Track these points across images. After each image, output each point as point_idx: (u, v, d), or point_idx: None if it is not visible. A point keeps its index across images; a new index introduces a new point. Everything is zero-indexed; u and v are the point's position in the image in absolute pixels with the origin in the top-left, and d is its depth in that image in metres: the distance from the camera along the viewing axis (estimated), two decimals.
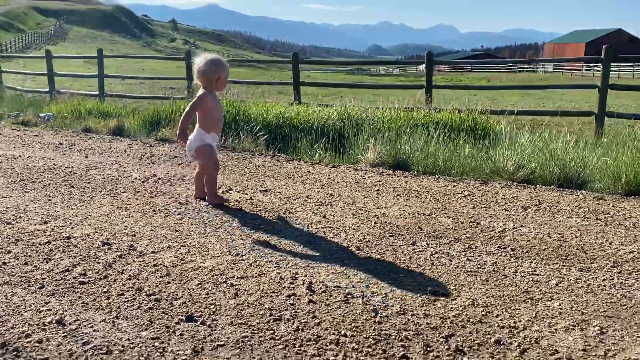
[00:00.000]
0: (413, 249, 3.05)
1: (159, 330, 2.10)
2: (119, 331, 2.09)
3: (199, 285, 2.50)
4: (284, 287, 2.50)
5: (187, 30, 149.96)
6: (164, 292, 2.43)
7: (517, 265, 2.84)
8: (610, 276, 2.73)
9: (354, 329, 2.14)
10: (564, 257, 2.97)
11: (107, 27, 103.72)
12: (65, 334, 2.06)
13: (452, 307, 2.34)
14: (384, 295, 2.44)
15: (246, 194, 4.24)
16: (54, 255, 2.84)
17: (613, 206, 4.09)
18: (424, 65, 10.15)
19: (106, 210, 3.68)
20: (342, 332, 2.11)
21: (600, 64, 8.85)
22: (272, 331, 2.11)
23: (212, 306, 2.30)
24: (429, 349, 2.01)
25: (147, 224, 3.41)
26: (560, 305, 2.39)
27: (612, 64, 8.78)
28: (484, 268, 2.80)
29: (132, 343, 2.00)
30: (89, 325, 2.12)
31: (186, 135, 3.73)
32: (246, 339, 2.05)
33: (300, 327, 2.14)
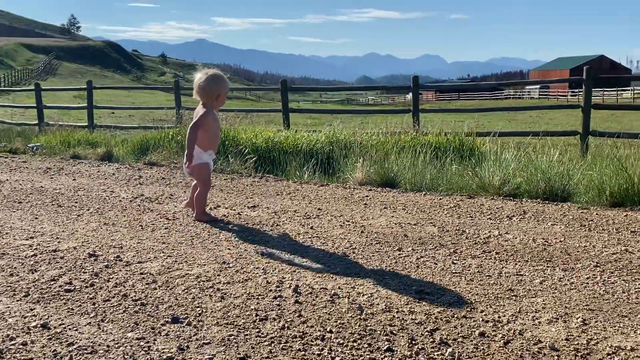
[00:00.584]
0: (399, 254, 3.08)
1: (144, 331, 2.10)
2: (105, 333, 2.08)
3: (185, 291, 2.51)
4: (270, 290, 2.51)
5: (177, 64, 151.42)
6: (150, 297, 2.43)
7: (502, 267, 2.88)
8: (594, 275, 2.76)
9: (340, 325, 2.15)
10: (548, 259, 3.01)
11: (96, 62, 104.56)
12: (50, 336, 2.05)
13: (437, 305, 2.36)
14: (369, 295, 2.46)
15: (234, 209, 4.25)
16: (40, 266, 2.83)
17: (597, 214, 4.15)
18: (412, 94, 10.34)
19: (93, 226, 3.68)
20: (328, 329, 2.12)
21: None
22: (258, 329, 2.12)
23: (198, 309, 2.30)
24: (413, 342, 2.02)
25: (134, 237, 3.41)
26: (544, 301, 2.41)
27: (597, 89, 9.02)
28: (469, 270, 2.83)
29: (117, 343, 2.00)
30: (74, 329, 2.12)
31: (192, 158, 3.70)
32: (232, 337, 2.05)
33: (286, 326, 2.15)
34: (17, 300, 2.40)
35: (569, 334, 2.09)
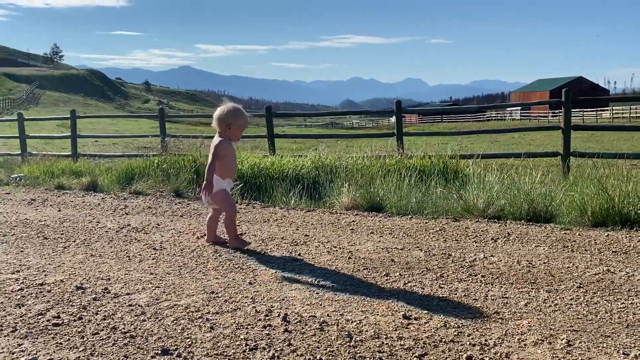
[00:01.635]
0: (386, 280, 3.11)
1: None
2: None
3: (175, 322, 2.51)
4: (260, 320, 2.52)
5: (161, 91, 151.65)
6: (139, 329, 2.43)
7: (488, 290, 2.92)
8: (577, 295, 2.82)
9: (329, 353, 2.17)
10: (532, 281, 3.06)
11: (79, 90, 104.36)
12: None
13: (425, 330, 2.39)
14: (358, 322, 2.48)
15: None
16: (27, 301, 2.81)
17: (579, 235, 4.23)
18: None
19: (80, 258, 3.67)
20: (318, 357, 2.13)
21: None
22: (248, 359, 2.12)
23: (188, 340, 2.31)
24: None
25: (121, 268, 3.41)
26: (529, 323, 2.46)
27: (577, 110, 9.24)
28: (456, 294, 2.87)
29: None
30: None
31: (212, 186, 3.78)
32: None
33: (276, 355, 2.16)
34: (5, 336, 2.38)
35: (554, 355, 2.13)
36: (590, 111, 46.86)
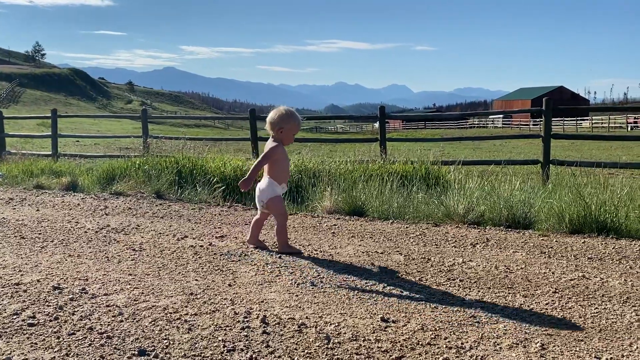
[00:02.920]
0: (366, 283, 3.13)
1: None
2: None
3: (152, 322, 2.49)
4: (238, 321, 2.52)
5: (144, 92, 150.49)
6: (117, 329, 2.41)
7: (466, 294, 2.95)
8: (552, 300, 2.87)
9: (307, 355, 2.18)
10: (509, 286, 3.11)
11: (61, 89, 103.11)
12: None
13: (402, 332, 2.41)
14: (336, 324, 2.49)
15: (202, 240, 4.25)
16: (2, 300, 2.77)
17: (557, 241, 4.29)
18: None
19: (57, 258, 3.63)
20: (295, 359, 2.14)
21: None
22: None
23: (165, 341, 2.30)
24: None
25: (99, 269, 3.38)
26: (505, 326, 2.49)
27: (558, 119, 9.37)
28: (434, 297, 2.90)
29: None
30: None
31: (250, 184, 3.78)
32: None
33: (253, 356, 2.16)
34: None
35: (528, 358, 2.16)
36: (570, 120, 47.62)
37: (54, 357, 2.14)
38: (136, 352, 2.18)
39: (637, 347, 2.27)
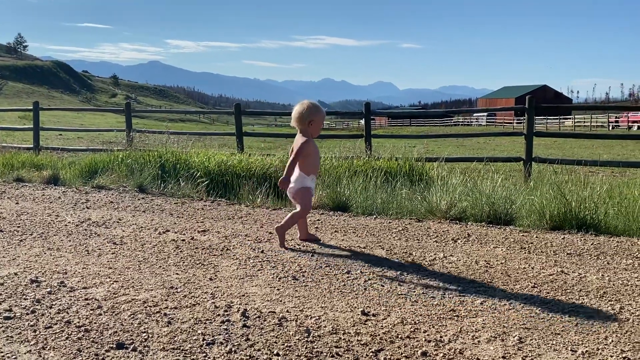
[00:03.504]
0: (347, 277, 3.14)
1: (87, 358, 2.06)
2: None
3: (132, 316, 2.47)
4: (218, 315, 2.51)
5: (129, 86, 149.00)
6: (95, 323, 2.39)
7: (446, 289, 2.98)
8: (531, 295, 2.90)
9: (287, 348, 2.18)
10: (489, 281, 3.14)
11: (44, 82, 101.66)
12: None
13: (382, 326, 2.42)
14: (317, 317, 2.49)
15: (184, 234, 4.22)
16: None
17: (537, 237, 4.34)
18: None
19: (36, 252, 3.58)
20: (275, 352, 2.14)
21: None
22: (204, 354, 2.12)
23: (145, 334, 2.28)
24: None
25: (79, 262, 3.34)
26: (483, 320, 2.51)
27: (541, 117, 9.44)
28: (414, 291, 2.91)
29: None
30: (13, 357, 2.06)
31: (289, 182, 3.82)
32: None
33: (233, 350, 2.16)
34: None
35: (505, 352, 2.18)
36: (553, 119, 48.14)
37: (30, 350, 2.12)
38: (114, 346, 2.16)
39: (611, 340, 2.31)
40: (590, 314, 2.62)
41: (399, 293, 2.87)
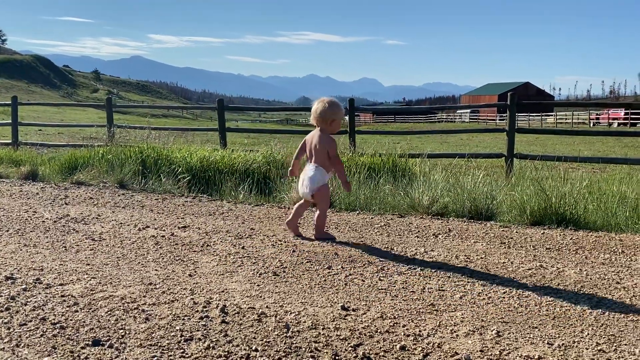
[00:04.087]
0: (328, 272, 3.14)
1: (62, 355, 2.03)
2: (19, 358, 2.00)
3: (109, 312, 2.44)
4: (197, 311, 2.49)
5: (111, 81, 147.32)
6: (71, 320, 2.35)
7: (426, 283, 2.99)
8: (510, 289, 2.92)
9: (265, 344, 2.17)
10: (469, 275, 3.15)
11: (23, 77, 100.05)
12: None
13: (361, 321, 2.42)
14: (297, 313, 2.49)
15: (164, 230, 4.18)
16: None
17: (517, 232, 4.38)
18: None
19: (12, 248, 3.52)
20: (253, 348, 2.13)
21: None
22: (182, 350, 2.10)
23: (122, 330, 2.25)
24: (337, 357, 2.07)
25: (56, 259, 3.29)
26: (462, 314, 2.53)
27: (523, 114, 9.50)
28: (395, 286, 2.92)
29: None
30: None
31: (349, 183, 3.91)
32: (155, 359, 2.02)
33: (211, 345, 2.14)
34: None
35: (483, 345, 2.20)
36: (536, 116, 48.66)
37: (3, 347, 2.08)
38: (90, 342, 2.13)
39: (587, 334, 2.34)
40: (567, 308, 2.65)
41: (380, 288, 2.88)
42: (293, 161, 4.24)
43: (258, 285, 2.88)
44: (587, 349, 2.19)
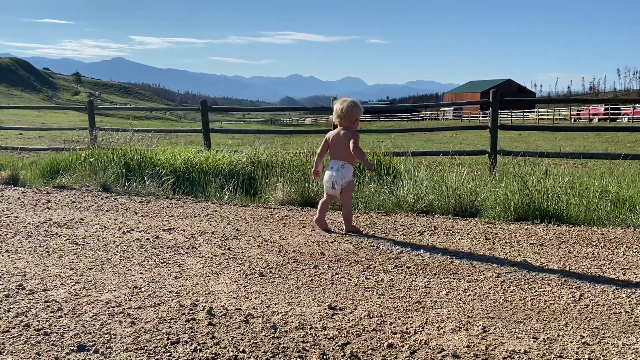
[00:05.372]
0: (315, 272, 3.14)
1: None
2: None
3: (94, 317, 2.42)
4: (184, 314, 2.47)
5: (92, 83, 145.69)
6: (55, 326, 2.32)
7: (412, 281, 3.00)
8: (495, 285, 2.95)
9: (253, 345, 2.16)
10: (454, 272, 3.18)
11: (2, 80, 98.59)
12: None
13: (349, 320, 2.42)
14: (284, 313, 2.48)
15: (148, 233, 4.15)
16: None
17: (501, 228, 4.42)
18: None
19: None
20: (241, 349, 2.12)
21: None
22: (169, 353, 2.08)
23: (107, 335, 2.23)
24: (324, 356, 2.07)
25: (39, 264, 3.25)
26: (449, 311, 2.55)
27: (506, 111, 9.57)
28: (381, 284, 2.93)
29: None
30: None
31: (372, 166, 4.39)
32: None
33: (198, 348, 2.13)
34: None
35: (470, 341, 2.22)
36: (518, 113, 49.12)
37: None
38: (75, 348, 2.11)
39: (572, 327, 2.37)
40: (551, 302, 2.68)
41: (366, 287, 2.89)
42: (316, 161, 4.47)
43: (245, 287, 2.87)
44: (571, 342, 2.22)
